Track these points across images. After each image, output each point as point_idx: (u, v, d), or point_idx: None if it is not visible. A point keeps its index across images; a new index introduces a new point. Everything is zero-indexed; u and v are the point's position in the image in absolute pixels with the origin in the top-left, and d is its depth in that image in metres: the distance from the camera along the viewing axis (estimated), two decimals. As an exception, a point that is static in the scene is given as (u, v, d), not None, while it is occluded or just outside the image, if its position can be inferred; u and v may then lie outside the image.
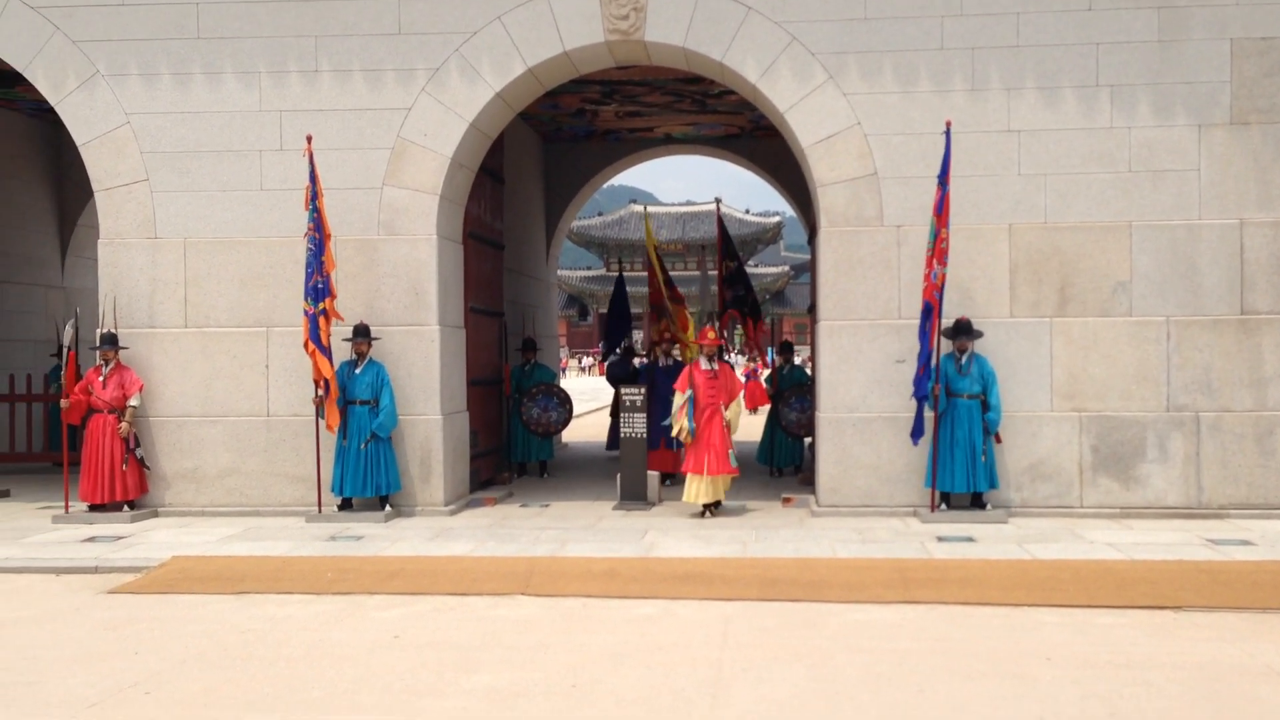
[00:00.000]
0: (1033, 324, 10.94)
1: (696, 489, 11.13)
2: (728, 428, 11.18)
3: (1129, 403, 10.82)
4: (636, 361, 15.42)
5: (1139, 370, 10.82)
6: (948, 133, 10.44)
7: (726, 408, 11.19)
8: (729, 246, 16.19)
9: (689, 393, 11.12)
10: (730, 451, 11.16)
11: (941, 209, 10.23)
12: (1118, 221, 10.87)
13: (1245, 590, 7.76)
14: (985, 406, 10.59)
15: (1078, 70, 10.90)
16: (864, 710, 5.53)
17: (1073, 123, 10.92)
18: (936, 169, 10.49)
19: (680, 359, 13.84)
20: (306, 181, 10.70)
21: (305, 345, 10.67)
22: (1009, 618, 7.34)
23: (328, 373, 10.66)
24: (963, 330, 10.62)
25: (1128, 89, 10.86)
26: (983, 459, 10.58)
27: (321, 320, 10.66)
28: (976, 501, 10.77)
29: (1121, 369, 10.83)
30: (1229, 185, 10.78)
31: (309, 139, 10.91)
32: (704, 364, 11.26)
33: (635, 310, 70.28)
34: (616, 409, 15.41)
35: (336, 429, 10.86)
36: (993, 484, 10.66)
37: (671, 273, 17.38)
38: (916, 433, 10.63)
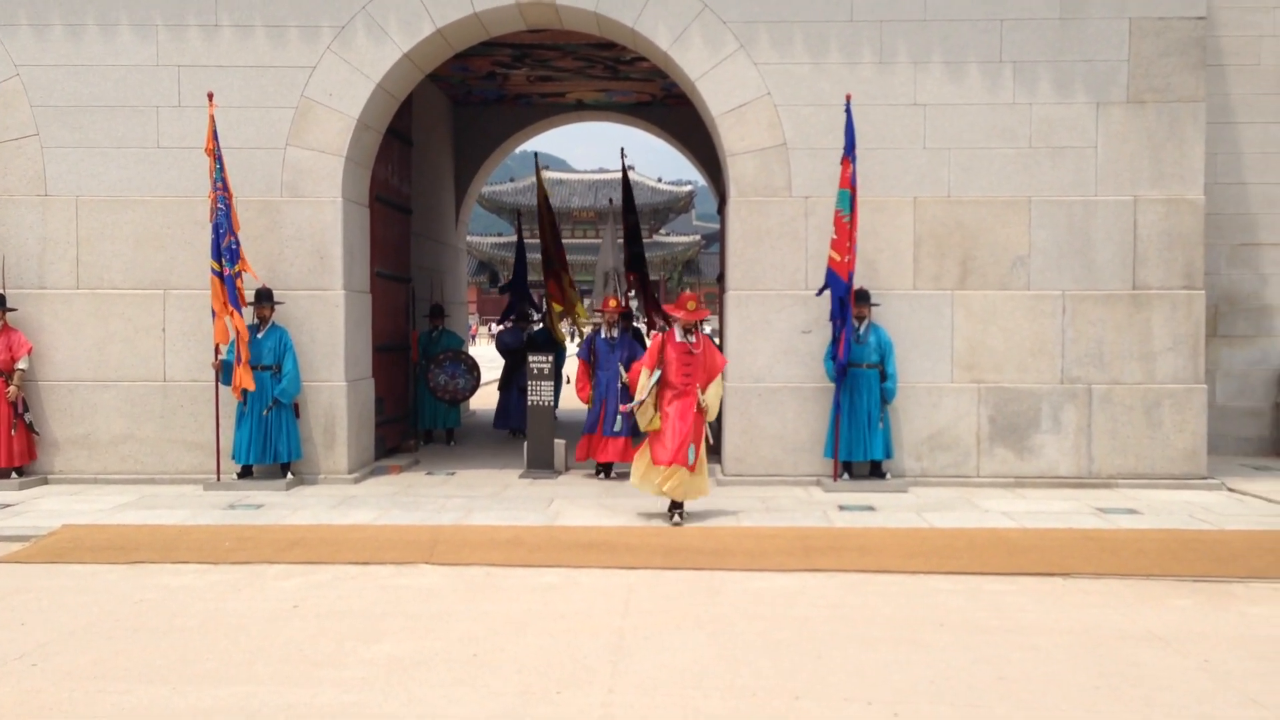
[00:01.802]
0: (935, 296, 11.13)
1: (674, 483, 9.02)
2: (702, 413, 9.19)
3: (1025, 375, 11.09)
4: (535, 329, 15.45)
5: (1035, 343, 11.09)
6: (848, 108, 10.52)
7: (704, 390, 9.18)
8: (629, 201, 16.27)
9: (657, 371, 9.14)
10: (692, 444, 9.07)
11: (853, 183, 10.33)
12: (1018, 196, 11.10)
13: (1130, 558, 8.03)
14: (883, 376, 10.77)
15: (982, 46, 11.07)
16: (762, 675, 5.60)
17: (977, 98, 11.09)
18: (844, 141, 10.58)
19: (610, 333, 11.90)
20: (211, 140, 10.39)
21: (223, 308, 10.34)
22: (906, 585, 7.50)
23: (245, 335, 10.42)
24: (860, 298, 10.75)
25: (1030, 65, 11.06)
26: (880, 427, 10.76)
27: (238, 283, 10.41)
28: (877, 471, 10.96)
29: (1019, 341, 11.09)
30: (1124, 163, 11.07)
31: (210, 96, 10.60)
32: (678, 335, 9.23)
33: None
34: (507, 382, 15.37)
35: (239, 395, 10.62)
36: (888, 453, 10.86)
37: (583, 240, 17.34)
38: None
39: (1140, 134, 11.05)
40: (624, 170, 17.10)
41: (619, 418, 11.47)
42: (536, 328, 16.19)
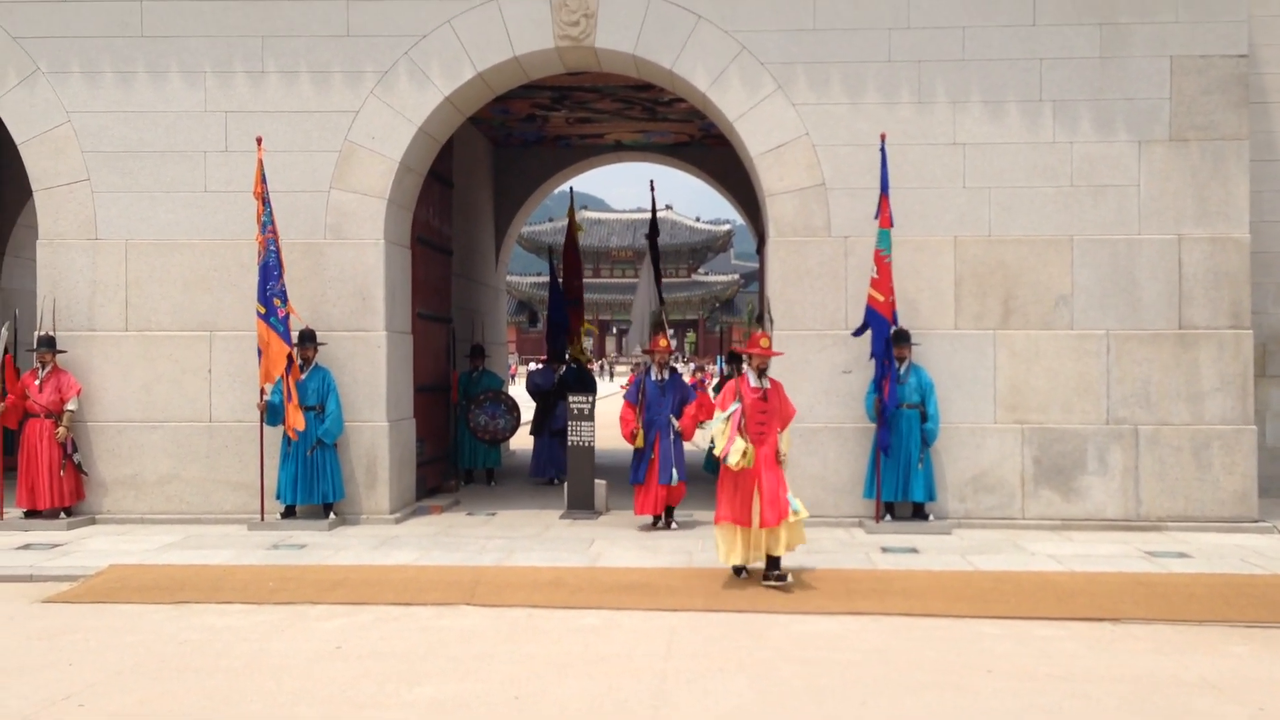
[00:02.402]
0: (977, 336, 11.06)
1: (740, 546, 8.43)
2: (781, 462, 8.66)
3: (1070, 415, 10.97)
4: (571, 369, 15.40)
5: (1080, 383, 10.97)
6: (883, 147, 10.52)
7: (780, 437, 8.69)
8: (655, 235, 16.57)
9: (736, 405, 8.49)
10: (787, 492, 8.47)
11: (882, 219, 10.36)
12: (1060, 235, 11.03)
13: (1182, 603, 7.89)
14: (924, 416, 10.69)
15: (1022, 85, 11.05)
16: (807, 722, 5.54)
17: (1017, 137, 11.06)
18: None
19: (661, 375, 11.29)
20: (259, 184, 10.56)
21: (267, 347, 10.44)
22: (951, 629, 7.40)
23: (295, 374, 10.53)
24: (900, 338, 10.70)
25: (1070, 104, 11.03)
26: (919, 468, 10.67)
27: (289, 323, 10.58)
28: (919, 512, 10.86)
29: (1063, 381, 10.98)
30: (1168, 201, 10.98)
31: (259, 140, 10.79)
32: (752, 379, 8.67)
33: (593, 316, 70.15)
34: (540, 426, 14.85)
35: (294, 434, 10.69)
36: (930, 495, 10.76)
37: (622, 279, 17.59)
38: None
39: (1183, 172, 10.97)
40: (653, 203, 17.30)
41: (674, 469, 10.89)
42: (571, 366, 16.18)
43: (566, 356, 16.06)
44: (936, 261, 11.10)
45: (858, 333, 10.63)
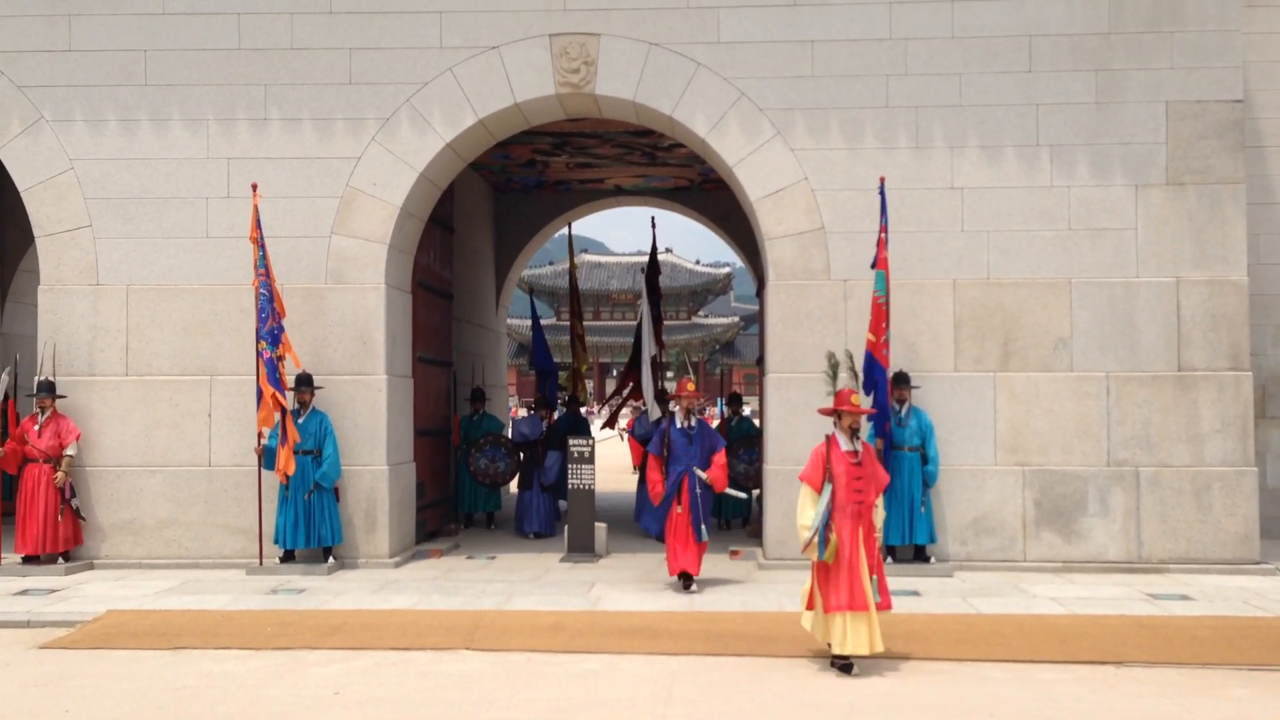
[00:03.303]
0: (977, 378, 11.07)
1: (853, 634, 7.25)
2: (878, 538, 7.66)
3: (1070, 457, 10.96)
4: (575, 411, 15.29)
5: (1080, 425, 10.97)
6: (882, 189, 10.59)
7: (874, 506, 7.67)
8: (654, 272, 16.45)
9: (828, 488, 7.43)
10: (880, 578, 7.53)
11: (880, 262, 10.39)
12: (1058, 278, 11.07)
13: (1184, 645, 7.84)
14: (924, 459, 10.67)
15: (1019, 130, 11.14)
16: (808, 768, 5.50)
17: (1014, 181, 11.14)
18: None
19: (688, 422, 10.18)
20: (255, 229, 10.62)
21: (263, 389, 10.47)
22: (954, 672, 7.35)
23: (274, 407, 10.50)
24: (900, 380, 10.71)
25: (1067, 149, 11.11)
26: (922, 510, 10.64)
27: (280, 366, 10.56)
28: (919, 555, 10.81)
29: (1063, 423, 10.97)
30: (1165, 244, 11.03)
31: (254, 186, 10.86)
32: (844, 443, 7.56)
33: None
34: (527, 477, 13.93)
35: (283, 477, 10.69)
36: (932, 537, 10.72)
37: (621, 322, 17.56)
38: None
39: (1181, 215, 11.04)
40: (653, 239, 17.31)
41: (703, 526, 9.90)
42: (558, 414, 15.78)
43: (558, 403, 15.63)
44: (936, 304, 11.14)
45: (867, 388, 10.56)
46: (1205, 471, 10.88)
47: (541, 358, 16.11)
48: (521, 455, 14.05)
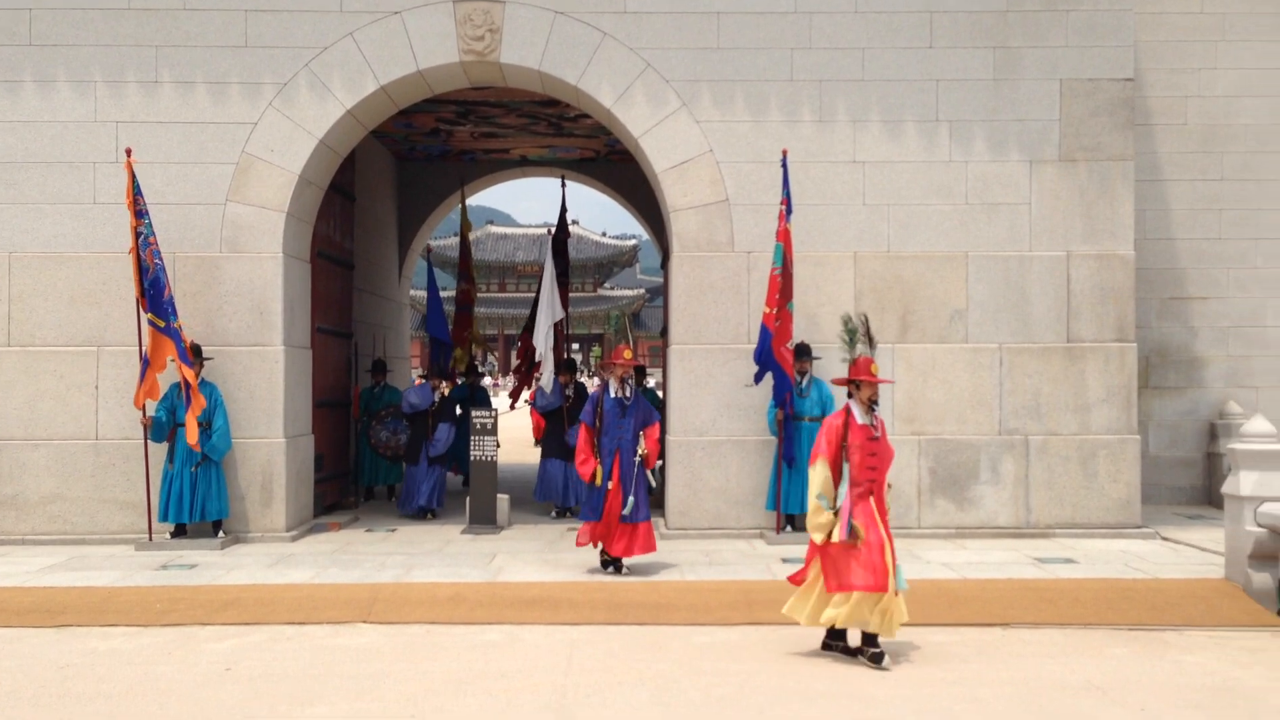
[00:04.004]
0: (876, 350, 11.22)
1: (877, 613, 6.79)
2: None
3: (964, 426, 11.22)
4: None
5: (974, 395, 11.23)
6: (784, 162, 10.67)
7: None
8: (563, 233, 16.30)
9: (846, 467, 6.98)
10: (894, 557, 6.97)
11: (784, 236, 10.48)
12: (956, 252, 11.29)
13: (1068, 607, 8.10)
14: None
15: (919, 105, 11.31)
16: (704, 733, 5.56)
17: (914, 155, 11.31)
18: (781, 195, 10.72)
19: (623, 391, 9.45)
20: (134, 195, 10.26)
21: (148, 361, 10.19)
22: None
23: (194, 381, 10.23)
24: (801, 352, 10.84)
25: (965, 124, 11.31)
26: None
27: (183, 335, 10.29)
28: (821, 523, 10.96)
29: (958, 394, 11.22)
30: (1057, 219, 11.32)
31: (128, 152, 10.48)
32: (859, 415, 7.07)
33: (505, 331, 69.53)
34: (415, 451, 13.04)
35: (170, 451, 10.43)
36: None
37: (528, 294, 17.20)
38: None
39: (1072, 191, 11.32)
40: (563, 199, 17.12)
41: (633, 500, 9.21)
42: (458, 383, 15.47)
43: (453, 373, 14.91)
44: (837, 277, 11.28)
45: (758, 358, 10.68)
46: (1091, 440, 11.23)
47: (435, 326, 15.19)
48: (409, 427, 13.35)
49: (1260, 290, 13.67)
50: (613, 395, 9.39)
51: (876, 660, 6.71)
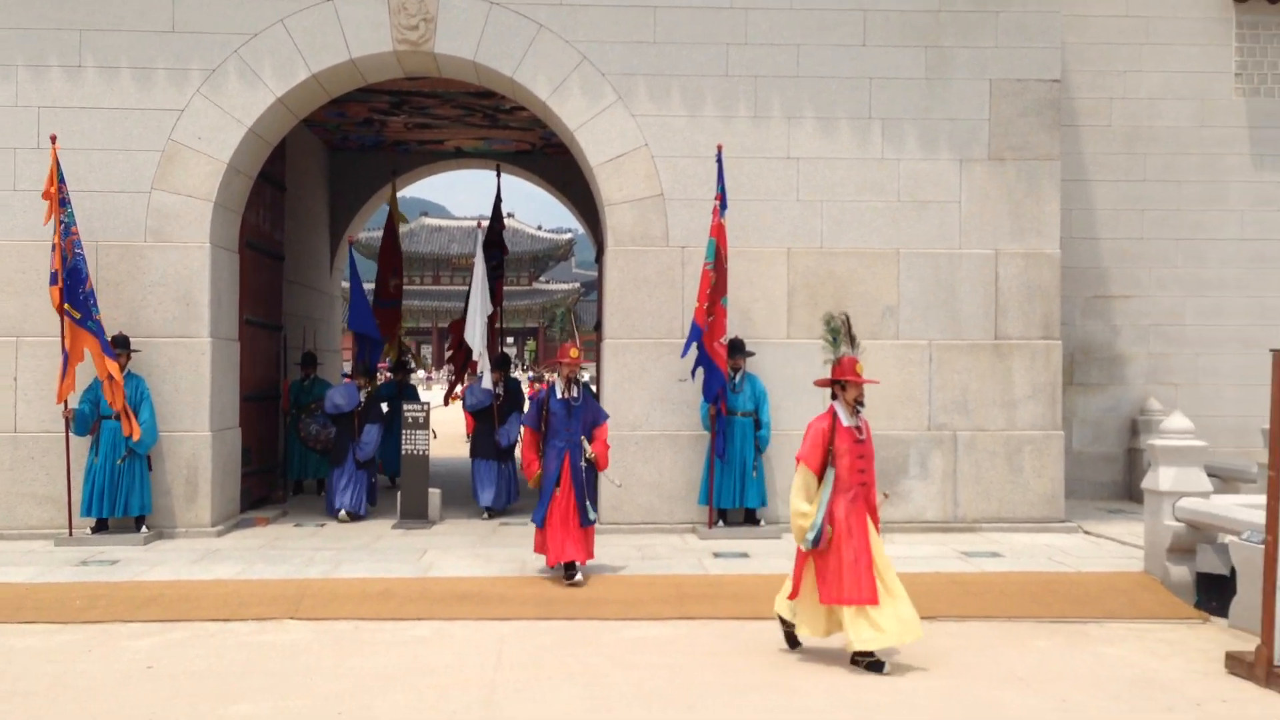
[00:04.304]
0: (809, 345, 11.32)
1: (864, 626, 6.55)
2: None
3: (894, 422, 11.34)
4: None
5: (904, 391, 11.36)
6: (719, 157, 10.71)
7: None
8: (498, 222, 15.98)
9: (831, 472, 6.84)
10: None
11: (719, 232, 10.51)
12: (887, 248, 11.41)
13: (994, 600, 8.24)
14: (758, 424, 10.90)
15: (852, 102, 11.40)
16: (633, 728, 5.56)
17: (848, 152, 11.40)
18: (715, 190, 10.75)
19: (569, 392, 8.98)
20: (52, 183, 10.01)
21: (98, 356, 9.97)
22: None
23: (118, 374, 10.02)
24: (735, 349, 10.89)
25: (898, 122, 11.43)
26: (754, 475, 10.86)
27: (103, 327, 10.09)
28: (751, 518, 11.04)
29: (888, 389, 11.34)
30: (986, 218, 11.48)
31: (53, 139, 10.24)
32: (845, 418, 6.90)
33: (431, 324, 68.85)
34: (341, 452, 12.38)
35: (92, 444, 10.21)
36: (763, 501, 10.96)
37: (463, 287, 16.66)
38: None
39: (1001, 190, 11.49)
40: (498, 188, 16.77)
41: (588, 506, 8.88)
42: (382, 380, 14.82)
43: (376, 371, 13.90)
44: (770, 272, 11.34)
45: (685, 353, 10.72)
46: (1017, 435, 11.42)
47: (359, 320, 14.10)
48: (334, 429, 12.69)
49: (1180, 289, 14.00)
50: (559, 396, 8.95)
51: (876, 668, 6.54)
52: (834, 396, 7.01)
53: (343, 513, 12.04)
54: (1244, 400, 13.93)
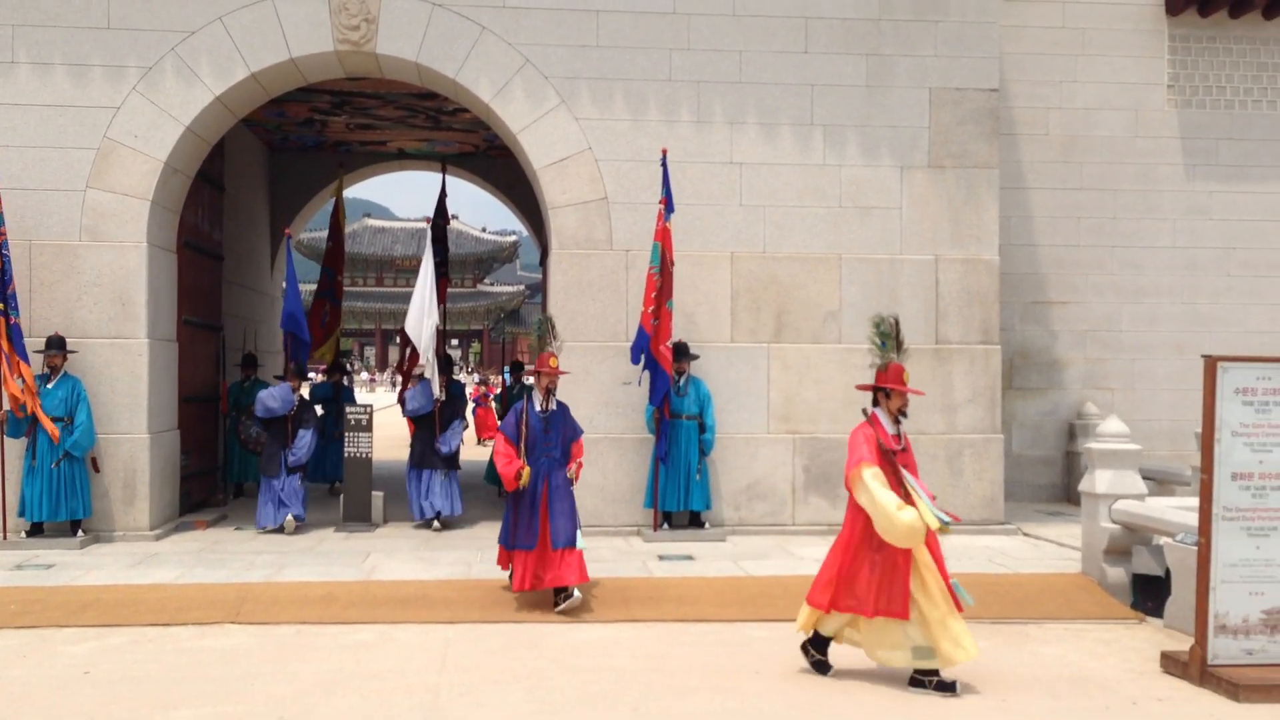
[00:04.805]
0: (752, 349, 11.42)
1: (892, 642, 6.33)
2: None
3: (837, 425, 11.45)
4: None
5: (846, 394, 11.46)
6: (664, 161, 10.75)
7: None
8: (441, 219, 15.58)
9: (923, 493, 6.34)
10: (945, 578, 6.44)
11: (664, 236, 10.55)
12: (829, 254, 11.52)
13: (934, 600, 8.34)
14: (702, 428, 10.95)
15: (795, 109, 11.50)
16: (579, 730, 5.57)
17: (790, 158, 11.50)
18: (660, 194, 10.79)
19: (547, 405, 8.39)
20: None
21: (13, 363, 9.77)
22: (723, 633, 7.59)
23: (32, 384, 9.84)
24: (680, 352, 10.94)
25: (839, 129, 11.55)
26: (698, 478, 10.91)
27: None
28: (696, 520, 11.09)
29: (831, 393, 11.45)
30: (926, 224, 11.64)
31: None
32: (889, 426, 6.51)
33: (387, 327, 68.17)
34: (272, 461, 11.55)
35: (29, 447, 10.01)
36: (707, 504, 11.01)
37: (406, 289, 16.04)
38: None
39: (940, 197, 11.66)
40: (443, 183, 16.12)
41: (570, 525, 8.13)
42: (317, 380, 14.17)
43: (307, 371, 12.79)
44: (714, 276, 11.41)
45: (634, 357, 10.71)
46: (957, 439, 11.59)
47: (292, 320, 12.31)
48: (262, 435, 11.90)
49: (1115, 296, 14.30)
50: (537, 408, 8.30)
51: (948, 690, 6.27)
52: (875, 403, 6.62)
53: (287, 519, 11.23)
54: (1178, 405, 14.26)
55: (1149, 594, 8.43)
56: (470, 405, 13.95)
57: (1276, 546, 6.71)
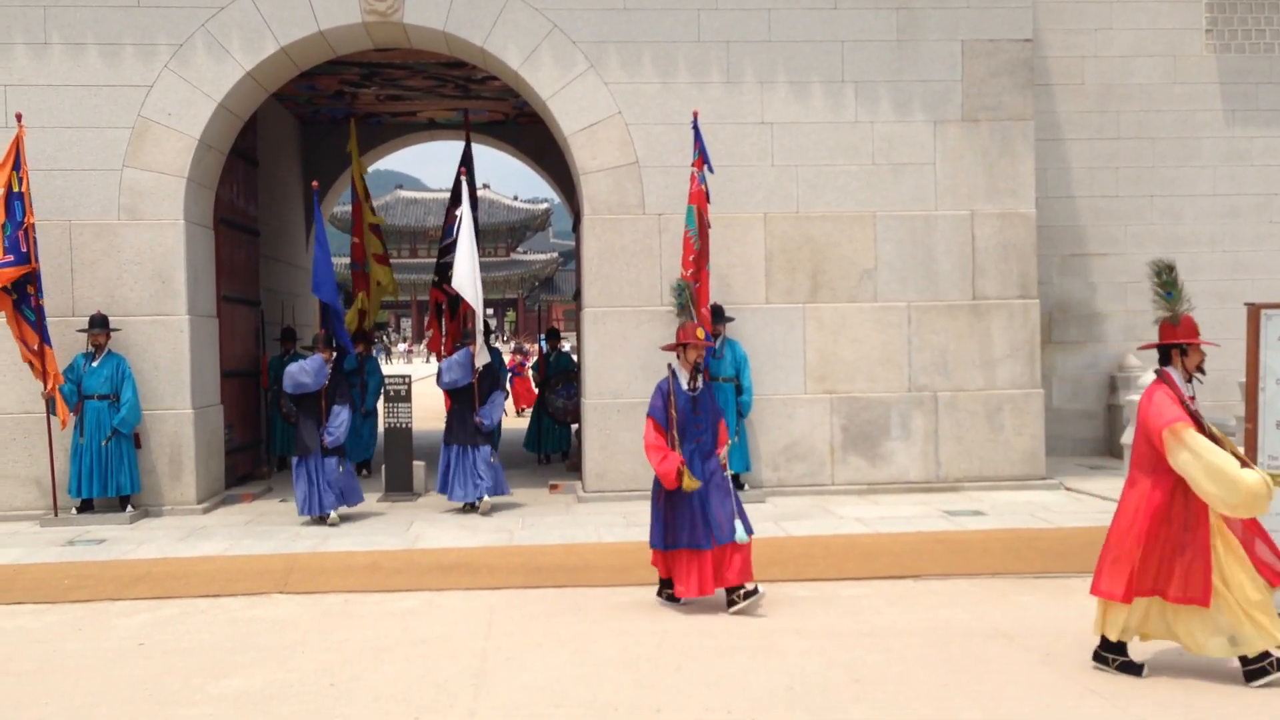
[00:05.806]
0: (787, 310, 11.38)
1: (1136, 619, 5.87)
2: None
3: (875, 384, 11.42)
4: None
5: (883, 353, 11.43)
6: (695, 124, 10.67)
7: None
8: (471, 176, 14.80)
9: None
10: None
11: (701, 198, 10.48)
12: (863, 211, 11.44)
13: (977, 557, 8.34)
14: (739, 389, 10.94)
15: (825, 66, 11.39)
16: (622, 690, 5.63)
17: (821, 116, 11.40)
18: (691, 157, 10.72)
19: (694, 383, 7.42)
20: (8, 162, 9.89)
21: (27, 341, 9.94)
22: (768, 593, 7.61)
23: (54, 367, 10.00)
24: (716, 315, 10.92)
25: (870, 85, 11.43)
26: (735, 440, 10.90)
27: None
28: (735, 482, 11.05)
29: (868, 352, 11.41)
30: (961, 178, 11.52)
31: (19, 117, 10.12)
32: (1183, 385, 5.84)
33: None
34: (305, 443, 10.27)
35: (70, 424, 10.18)
36: (745, 465, 11.03)
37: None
38: None
39: (975, 151, 11.53)
40: (467, 136, 15.13)
41: (738, 519, 7.16)
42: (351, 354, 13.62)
43: (334, 342, 10.82)
44: (747, 238, 11.36)
45: None
46: (996, 394, 11.52)
47: (323, 287, 10.81)
48: (295, 413, 10.74)
49: (1155, 246, 14.08)
50: (684, 388, 7.38)
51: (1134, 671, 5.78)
52: (1166, 361, 5.90)
53: (333, 515, 10.16)
54: (1220, 354, 13.89)
55: (1193, 546, 8.36)
56: (508, 375, 13.94)
57: (1323, 495, 6.62)
